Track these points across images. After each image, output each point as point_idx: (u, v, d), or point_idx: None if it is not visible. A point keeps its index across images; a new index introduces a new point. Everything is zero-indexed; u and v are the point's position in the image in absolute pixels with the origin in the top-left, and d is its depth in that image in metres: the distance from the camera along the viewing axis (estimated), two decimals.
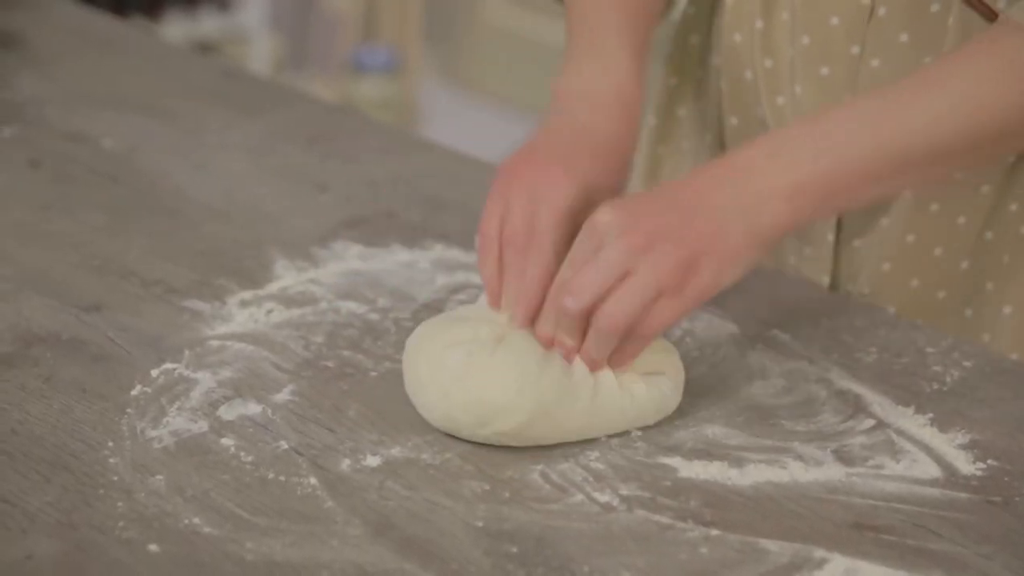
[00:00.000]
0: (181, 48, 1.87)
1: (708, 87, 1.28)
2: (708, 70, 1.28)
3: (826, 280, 1.23)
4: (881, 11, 1.15)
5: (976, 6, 1.10)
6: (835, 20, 1.17)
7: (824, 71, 1.18)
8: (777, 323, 1.13)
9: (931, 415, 1.03)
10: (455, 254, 1.22)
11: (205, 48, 3.44)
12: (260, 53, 3.69)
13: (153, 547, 0.88)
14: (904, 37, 1.14)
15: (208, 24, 3.62)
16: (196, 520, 0.90)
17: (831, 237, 1.21)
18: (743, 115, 1.24)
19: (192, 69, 1.63)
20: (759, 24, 1.21)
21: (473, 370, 0.98)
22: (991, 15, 1.09)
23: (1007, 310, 1.21)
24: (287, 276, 1.19)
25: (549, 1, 1.29)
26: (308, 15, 3.97)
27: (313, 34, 3.97)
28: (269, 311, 1.13)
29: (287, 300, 1.15)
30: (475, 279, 1.19)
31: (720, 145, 1.28)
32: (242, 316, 1.13)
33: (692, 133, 1.31)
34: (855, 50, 1.16)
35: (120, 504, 0.91)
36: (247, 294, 1.16)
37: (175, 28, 3.53)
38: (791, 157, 1.00)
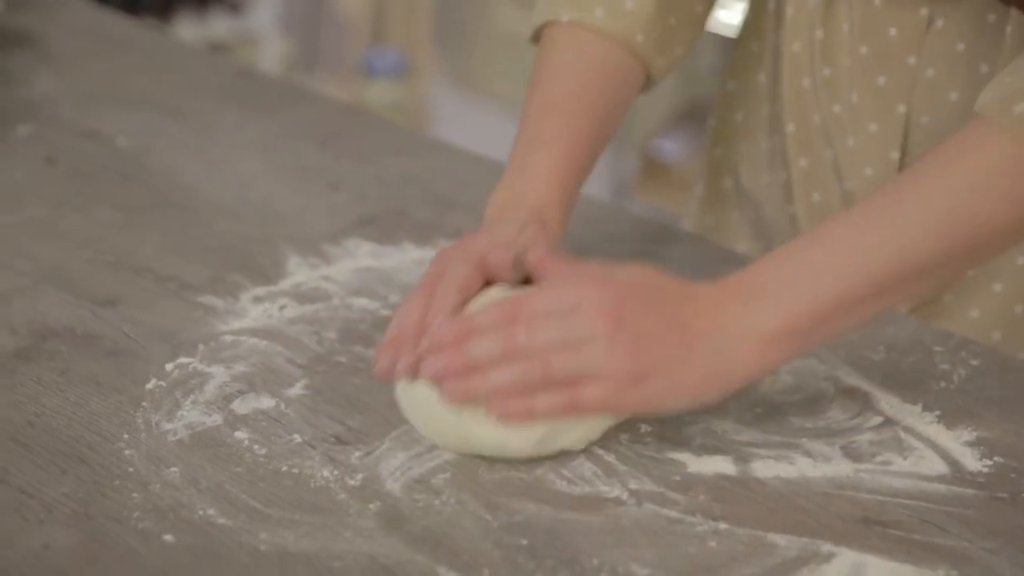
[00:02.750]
0: (194, 48, 1.88)
1: (766, 93, 1.29)
2: (769, 75, 1.29)
3: None
4: (939, 22, 1.16)
5: None
6: (893, 31, 1.18)
7: (881, 81, 1.19)
8: None
9: (938, 412, 1.04)
10: None
11: (216, 49, 3.45)
12: (270, 55, 3.70)
13: (168, 537, 0.89)
14: (961, 47, 1.15)
15: (219, 26, 3.63)
16: (211, 511, 0.91)
17: None
18: (801, 123, 1.25)
19: (205, 69, 1.64)
20: (819, 33, 1.22)
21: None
22: None
23: None
24: (300, 273, 1.20)
25: None
26: (318, 18, 3.98)
27: (323, 37, 3.98)
28: (282, 307, 1.14)
29: (300, 296, 1.16)
30: None
31: (780, 151, 1.28)
32: (256, 312, 1.14)
33: (749, 137, 1.31)
34: (912, 60, 1.18)
35: (135, 495, 0.92)
36: (260, 290, 1.17)
37: (186, 30, 3.54)
38: (768, 302, 0.96)
